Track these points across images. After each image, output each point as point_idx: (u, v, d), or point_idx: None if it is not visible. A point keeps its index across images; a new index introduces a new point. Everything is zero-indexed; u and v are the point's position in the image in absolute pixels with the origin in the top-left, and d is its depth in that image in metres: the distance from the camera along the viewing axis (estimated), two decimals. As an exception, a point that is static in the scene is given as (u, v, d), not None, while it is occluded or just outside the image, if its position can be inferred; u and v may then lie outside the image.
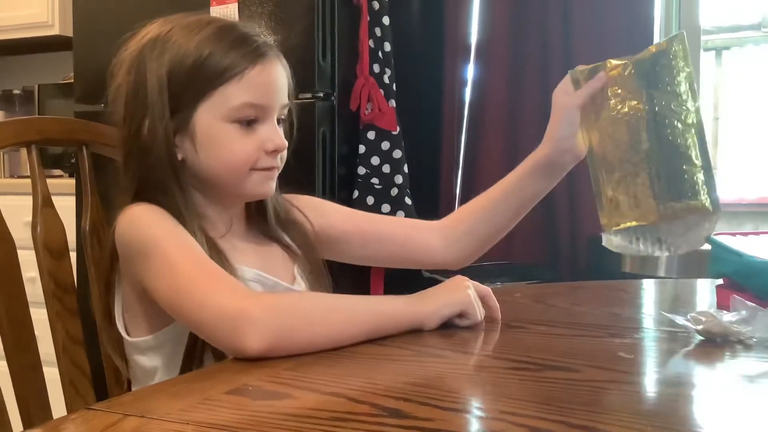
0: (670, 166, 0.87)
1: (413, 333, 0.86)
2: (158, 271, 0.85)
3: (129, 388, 1.03)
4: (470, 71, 2.35)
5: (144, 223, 0.89)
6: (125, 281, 0.93)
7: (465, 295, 0.90)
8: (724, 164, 3.36)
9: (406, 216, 2.11)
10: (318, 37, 1.97)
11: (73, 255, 1.08)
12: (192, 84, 0.91)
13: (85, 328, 1.06)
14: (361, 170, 2.13)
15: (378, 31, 2.14)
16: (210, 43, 0.91)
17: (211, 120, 0.92)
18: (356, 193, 2.11)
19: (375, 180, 2.12)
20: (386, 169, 2.13)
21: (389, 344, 0.82)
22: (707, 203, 0.85)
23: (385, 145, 2.13)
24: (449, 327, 0.89)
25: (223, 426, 0.57)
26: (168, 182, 0.92)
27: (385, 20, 2.13)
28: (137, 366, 0.96)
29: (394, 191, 2.13)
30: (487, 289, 0.95)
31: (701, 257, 0.96)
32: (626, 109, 0.90)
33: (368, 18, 2.10)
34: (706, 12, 2.58)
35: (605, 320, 1.02)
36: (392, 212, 2.12)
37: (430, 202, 2.28)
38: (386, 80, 2.14)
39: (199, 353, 0.90)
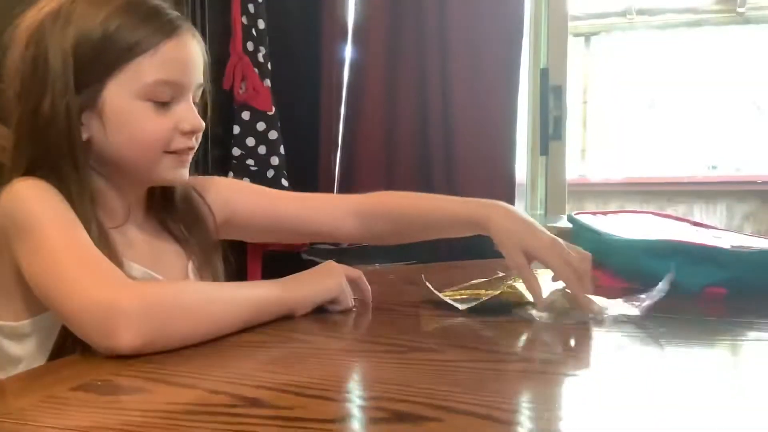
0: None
1: (284, 319, 0.85)
2: (31, 251, 0.79)
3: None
4: (348, 51, 2.33)
5: (25, 197, 0.83)
6: (3, 261, 0.86)
7: (336, 282, 0.91)
8: (592, 146, 3.51)
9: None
10: (187, 12, 1.89)
11: None
12: (100, 58, 0.86)
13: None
14: (236, 151, 2.08)
15: (251, 8, 2.09)
16: (119, 15, 0.86)
17: (123, 96, 0.87)
18: (230, 175, 2.06)
19: (250, 161, 2.08)
20: (262, 150, 2.09)
21: (255, 331, 0.80)
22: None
23: (261, 126, 2.09)
24: (321, 312, 0.89)
25: (66, 427, 0.53)
26: (63, 163, 0.86)
27: (259, -4, 2.08)
28: (1, 353, 0.89)
29: (270, 173, 2.09)
30: (358, 273, 0.96)
31: (564, 235, 0.99)
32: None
33: (241, -6, 2.05)
34: (575, -2, 2.68)
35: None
36: (268, 194, 2.08)
37: (308, 184, 2.25)
38: (261, 59, 2.10)
39: (70, 344, 0.83)
